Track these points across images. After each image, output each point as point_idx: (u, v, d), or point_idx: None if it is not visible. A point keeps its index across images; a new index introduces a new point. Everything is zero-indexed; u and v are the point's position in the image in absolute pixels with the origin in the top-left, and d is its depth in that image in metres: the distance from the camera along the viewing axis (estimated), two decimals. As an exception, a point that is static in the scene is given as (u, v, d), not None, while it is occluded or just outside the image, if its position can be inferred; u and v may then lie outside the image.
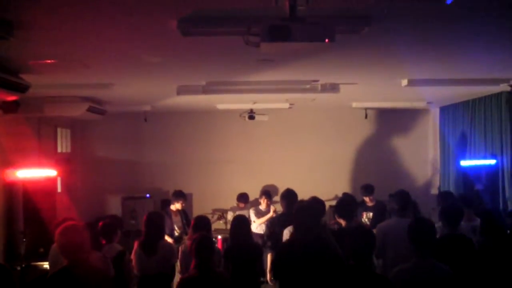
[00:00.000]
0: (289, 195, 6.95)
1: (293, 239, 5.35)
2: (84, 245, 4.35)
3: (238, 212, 8.73)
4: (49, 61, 5.72)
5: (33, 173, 8.33)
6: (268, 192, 9.64)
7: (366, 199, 9.06)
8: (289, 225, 5.80)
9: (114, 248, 6.14)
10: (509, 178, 8.77)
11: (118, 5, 3.87)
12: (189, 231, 6.24)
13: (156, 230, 6.13)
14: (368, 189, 9.14)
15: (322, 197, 7.02)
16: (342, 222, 6.33)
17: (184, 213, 9.02)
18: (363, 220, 8.74)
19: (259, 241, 7.30)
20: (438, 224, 5.83)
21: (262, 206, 9.55)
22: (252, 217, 9.34)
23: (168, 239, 8.13)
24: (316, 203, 6.30)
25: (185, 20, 4.21)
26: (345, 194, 8.45)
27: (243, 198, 10.53)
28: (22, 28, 4.28)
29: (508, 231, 6.15)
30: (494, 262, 5.28)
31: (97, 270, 4.51)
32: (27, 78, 6.34)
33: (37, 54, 5.47)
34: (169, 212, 8.78)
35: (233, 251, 6.17)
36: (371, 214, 8.80)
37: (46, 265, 7.12)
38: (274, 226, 6.67)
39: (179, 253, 6.23)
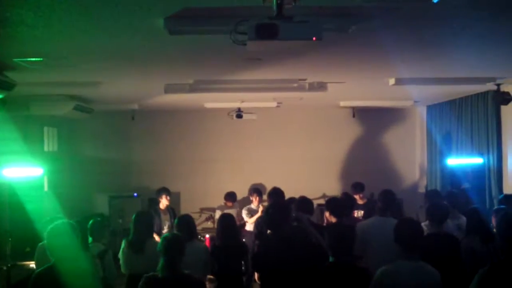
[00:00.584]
0: (276, 194, 6.96)
1: (267, 236, 5.48)
2: (73, 244, 4.34)
3: (226, 211, 8.71)
4: (34, 59, 5.68)
5: (20, 171, 8.26)
6: (258, 190, 9.63)
7: (357, 197, 9.07)
8: None
9: (97, 247, 6.10)
10: (496, 177, 8.83)
11: (105, 3, 3.85)
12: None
13: (144, 229, 6.11)
14: (358, 187, 9.17)
15: (310, 195, 7.04)
16: (333, 219, 6.35)
17: (172, 211, 9.01)
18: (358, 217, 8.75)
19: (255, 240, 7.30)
20: (425, 223, 5.86)
21: (254, 204, 9.53)
22: (245, 217, 9.32)
23: (157, 237, 8.14)
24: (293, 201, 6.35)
25: (172, 18, 4.20)
26: (344, 194, 8.46)
27: (230, 197, 10.51)
28: (7, 25, 4.25)
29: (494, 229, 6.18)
30: (479, 261, 5.29)
31: (83, 269, 4.48)
32: (12, 76, 6.29)
33: (23, 52, 5.43)
34: (158, 211, 8.78)
35: (219, 250, 6.16)
36: (362, 212, 8.79)
37: (32, 264, 7.07)
38: (262, 225, 6.67)
39: None
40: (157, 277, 4.46)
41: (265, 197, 8.96)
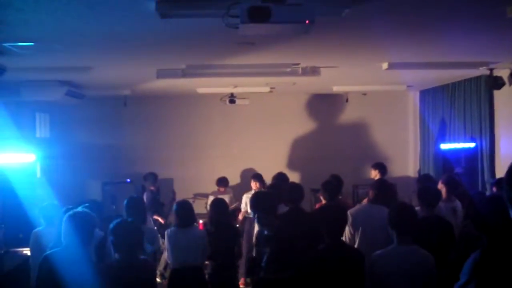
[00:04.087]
0: (277, 178, 7.10)
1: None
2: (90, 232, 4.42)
3: (219, 196, 8.71)
4: (25, 43, 5.62)
5: (12, 158, 8.22)
6: (258, 176, 9.56)
7: (374, 175, 9.03)
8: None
9: (96, 234, 6.08)
10: (488, 161, 8.86)
11: (95, -14, 3.81)
12: None
13: (137, 214, 6.10)
14: (376, 166, 9.15)
15: (303, 180, 7.08)
16: (323, 200, 6.44)
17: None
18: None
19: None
20: (417, 208, 5.87)
21: (254, 190, 9.49)
22: (243, 205, 9.30)
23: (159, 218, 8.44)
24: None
25: (164, 1, 4.16)
26: (332, 176, 8.47)
27: (222, 182, 10.51)
28: (-4, 9, 4.20)
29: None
30: (477, 246, 5.29)
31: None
32: (2, 61, 6.23)
33: (12, 36, 5.37)
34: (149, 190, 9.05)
35: (212, 235, 6.17)
36: None
37: (25, 250, 7.06)
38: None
39: (166, 237, 6.20)
40: (111, 264, 4.54)
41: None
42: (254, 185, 9.42)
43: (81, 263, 4.30)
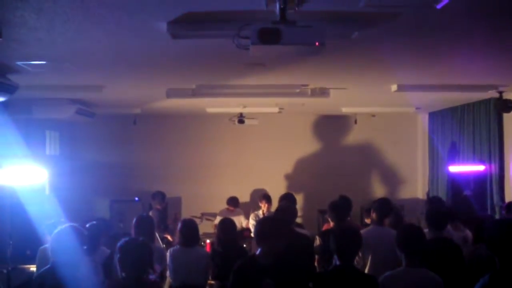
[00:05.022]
0: (285, 199, 7.04)
1: None
2: (77, 248, 4.34)
3: (228, 216, 8.71)
4: (37, 62, 5.68)
5: (21, 175, 8.25)
6: (267, 196, 9.59)
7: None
8: None
9: (103, 252, 6.08)
10: (497, 184, 8.81)
11: (107, 7, 3.85)
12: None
13: (146, 233, 6.09)
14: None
15: (311, 201, 7.04)
16: (331, 223, 6.35)
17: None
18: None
19: None
20: (425, 231, 5.82)
21: (262, 210, 9.50)
22: (252, 224, 9.29)
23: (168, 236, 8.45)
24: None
25: (175, 22, 4.20)
26: (341, 197, 8.43)
27: (233, 201, 10.52)
28: (9, 28, 4.25)
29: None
30: (487, 270, 5.25)
31: (83, 274, 4.47)
32: (15, 79, 6.29)
33: (25, 55, 5.43)
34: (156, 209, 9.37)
35: (219, 255, 6.15)
36: None
37: (33, 267, 7.06)
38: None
39: (168, 255, 6.19)
40: (117, 283, 4.44)
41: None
42: (263, 206, 9.43)
43: (71, 280, 4.25)
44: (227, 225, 6.41)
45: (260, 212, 9.49)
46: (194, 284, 5.91)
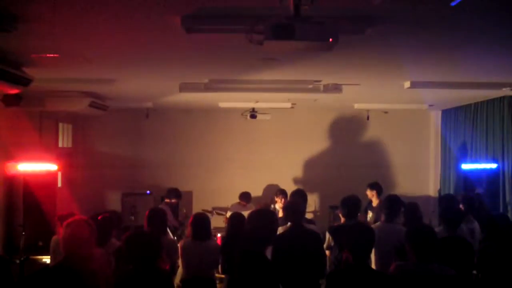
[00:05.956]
0: (298, 195, 7.04)
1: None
2: (88, 241, 4.35)
3: (240, 210, 8.73)
4: (51, 55, 5.72)
5: (34, 167, 8.33)
6: (284, 191, 9.58)
7: (371, 195, 9.00)
8: None
9: (113, 244, 6.12)
10: (510, 182, 8.77)
11: (122, 1, 3.87)
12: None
13: (158, 226, 6.12)
14: (372, 186, 9.07)
15: (323, 196, 7.03)
16: (342, 219, 6.34)
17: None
18: (368, 219, 8.68)
19: None
20: (438, 228, 5.81)
21: (278, 205, 9.51)
22: None
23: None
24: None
25: (189, 17, 4.22)
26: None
27: (245, 197, 10.53)
28: (25, 21, 4.28)
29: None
30: (497, 267, 5.24)
31: (92, 268, 4.48)
32: (29, 71, 6.33)
33: (40, 48, 5.47)
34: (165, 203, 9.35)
35: (229, 249, 6.16)
36: (371, 214, 8.71)
37: (45, 258, 7.14)
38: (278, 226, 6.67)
39: (179, 249, 6.22)
40: (126, 273, 4.44)
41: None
42: (279, 200, 9.44)
43: (84, 272, 4.27)
44: (237, 219, 6.43)
45: (277, 206, 9.50)
46: (205, 276, 5.95)
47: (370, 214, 8.73)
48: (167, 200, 10.05)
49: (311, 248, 5.40)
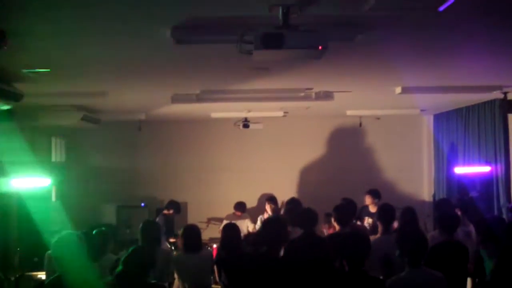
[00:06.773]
0: (292, 203, 7.04)
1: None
2: (80, 255, 4.34)
3: (235, 221, 8.73)
4: (42, 70, 5.71)
5: (28, 182, 8.29)
6: (273, 198, 9.58)
7: (368, 202, 9.02)
8: None
9: (109, 258, 6.09)
10: (504, 185, 8.79)
11: (112, 13, 3.88)
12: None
13: (152, 238, 6.10)
14: (372, 193, 9.11)
15: (317, 204, 7.02)
16: (337, 227, 6.33)
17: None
18: (365, 224, 8.67)
19: None
20: (432, 233, 5.82)
21: (268, 213, 9.50)
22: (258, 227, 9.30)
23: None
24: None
25: (179, 28, 4.22)
26: (344, 200, 8.43)
27: (240, 206, 10.53)
28: (15, 36, 4.28)
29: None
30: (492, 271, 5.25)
31: (90, 280, 4.47)
32: (21, 87, 6.33)
33: (31, 63, 5.47)
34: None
35: (223, 259, 6.14)
36: (371, 220, 8.70)
37: (40, 274, 7.09)
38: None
39: (172, 261, 6.19)
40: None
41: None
42: (269, 208, 9.43)
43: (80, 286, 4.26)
44: (231, 230, 6.40)
45: (265, 215, 9.50)
46: (204, 285, 5.94)
47: (369, 220, 8.74)
48: (165, 212, 10.03)
49: (321, 256, 5.39)
